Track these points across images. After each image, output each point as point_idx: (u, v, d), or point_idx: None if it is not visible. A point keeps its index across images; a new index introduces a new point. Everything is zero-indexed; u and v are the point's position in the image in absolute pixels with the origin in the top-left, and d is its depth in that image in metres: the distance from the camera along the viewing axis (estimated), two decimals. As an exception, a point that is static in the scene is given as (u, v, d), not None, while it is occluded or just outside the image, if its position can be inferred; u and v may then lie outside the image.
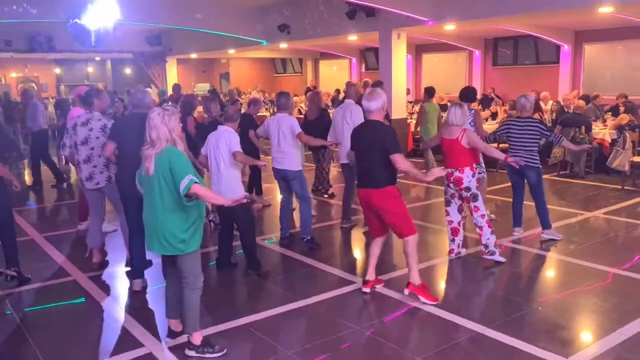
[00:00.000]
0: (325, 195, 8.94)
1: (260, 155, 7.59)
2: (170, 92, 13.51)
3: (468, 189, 5.63)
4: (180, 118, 3.92)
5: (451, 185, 5.73)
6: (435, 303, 4.71)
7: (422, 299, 4.73)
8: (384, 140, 4.58)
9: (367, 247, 6.17)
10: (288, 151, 6.22)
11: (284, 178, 6.34)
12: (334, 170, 10.91)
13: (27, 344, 4.23)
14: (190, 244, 3.83)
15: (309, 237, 6.36)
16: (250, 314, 4.59)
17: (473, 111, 6.98)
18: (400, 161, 4.55)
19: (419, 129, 10.24)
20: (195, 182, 3.65)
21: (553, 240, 6.36)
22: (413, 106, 14.74)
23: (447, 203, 5.92)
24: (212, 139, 5.33)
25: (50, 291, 5.29)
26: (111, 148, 5.08)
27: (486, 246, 5.75)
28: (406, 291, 4.80)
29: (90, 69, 26.09)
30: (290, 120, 6.23)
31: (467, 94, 7.02)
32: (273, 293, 5.12)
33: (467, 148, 5.60)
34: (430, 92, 10.09)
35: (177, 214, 3.76)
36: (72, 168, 10.47)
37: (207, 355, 3.94)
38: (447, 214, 5.92)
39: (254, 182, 8.54)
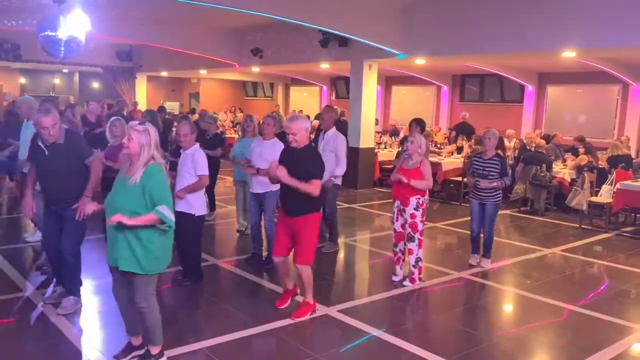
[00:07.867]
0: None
1: None
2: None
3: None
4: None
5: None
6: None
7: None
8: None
9: (334, 270, 6.15)
10: None
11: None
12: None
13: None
14: None
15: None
16: (209, 337, 4.48)
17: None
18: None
19: None
20: None
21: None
22: (381, 136, 14.92)
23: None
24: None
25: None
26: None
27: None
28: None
29: (57, 81, 25.59)
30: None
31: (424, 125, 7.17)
32: (233, 316, 5.01)
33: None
34: None
35: None
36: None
37: None
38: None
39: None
